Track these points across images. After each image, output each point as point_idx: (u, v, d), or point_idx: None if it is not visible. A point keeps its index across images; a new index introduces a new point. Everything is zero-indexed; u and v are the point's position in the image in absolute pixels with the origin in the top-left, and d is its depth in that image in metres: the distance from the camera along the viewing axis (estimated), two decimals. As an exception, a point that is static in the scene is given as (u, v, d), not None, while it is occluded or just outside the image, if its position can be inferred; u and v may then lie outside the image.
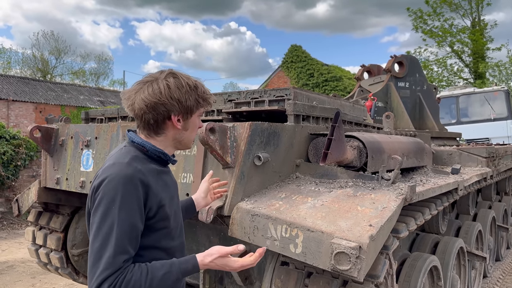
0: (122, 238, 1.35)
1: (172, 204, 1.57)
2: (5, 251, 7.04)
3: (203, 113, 1.67)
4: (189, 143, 1.63)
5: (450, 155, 4.31)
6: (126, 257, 1.35)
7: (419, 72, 6.49)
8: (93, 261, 1.34)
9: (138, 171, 1.42)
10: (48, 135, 3.40)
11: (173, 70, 1.54)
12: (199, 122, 1.64)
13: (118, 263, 1.33)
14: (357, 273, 1.75)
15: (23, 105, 21.41)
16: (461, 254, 3.82)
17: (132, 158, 1.46)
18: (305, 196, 2.28)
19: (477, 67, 22.34)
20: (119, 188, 1.37)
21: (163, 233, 1.51)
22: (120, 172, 1.39)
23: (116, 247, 1.33)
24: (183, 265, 1.43)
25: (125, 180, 1.38)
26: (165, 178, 1.57)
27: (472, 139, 10.51)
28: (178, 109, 1.49)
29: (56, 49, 36.92)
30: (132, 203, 1.38)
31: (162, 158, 1.55)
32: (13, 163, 9.11)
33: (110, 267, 1.32)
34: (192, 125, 1.58)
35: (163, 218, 1.49)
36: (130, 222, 1.37)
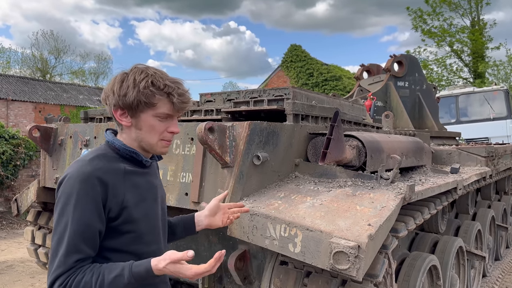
0: (75, 237, 1.31)
1: (144, 207, 1.46)
2: (4, 251, 7.03)
3: (166, 116, 1.45)
4: (152, 146, 1.47)
5: (449, 155, 4.31)
6: (79, 256, 1.31)
7: (419, 71, 6.50)
8: (50, 258, 1.33)
9: (97, 169, 1.36)
10: (47, 135, 3.40)
11: (141, 65, 1.44)
12: (166, 125, 1.45)
13: (69, 262, 1.30)
14: (356, 272, 1.75)
15: (22, 105, 21.40)
16: (461, 253, 3.82)
17: (97, 156, 1.42)
18: (304, 196, 2.28)
19: (476, 66, 22.36)
20: (76, 186, 1.33)
21: (130, 237, 1.42)
22: (79, 170, 1.36)
23: (68, 246, 1.30)
24: (136, 268, 1.30)
25: (82, 178, 1.34)
26: (136, 179, 1.46)
27: (472, 139, 10.52)
28: (117, 103, 1.41)
29: (55, 48, 36.94)
30: (87, 202, 1.33)
31: (135, 157, 1.47)
32: (12, 163, 9.11)
33: (62, 266, 1.29)
34: (146, 125, 1.43)
35: (128, 221, 1.41)
36: (84, 221, 1.32)
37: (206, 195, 2.42)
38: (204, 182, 2.45)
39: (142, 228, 1.45)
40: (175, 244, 3.02)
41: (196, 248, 2.94)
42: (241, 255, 2.54)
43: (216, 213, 1.81)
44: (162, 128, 1.45)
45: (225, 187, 2.31)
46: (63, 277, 1.29)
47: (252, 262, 2.60)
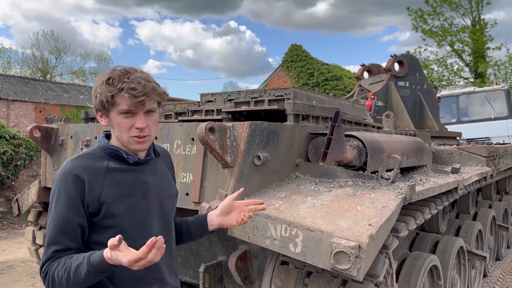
0: (54, 230, 1.42)
1: (126, 202, 1.48)
2: (5, 251, 7.04)
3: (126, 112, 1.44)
4: (126, 143, 1.48)
5: (450, 155, 4.31)
6: (58, 247, 1.40)
7: (419, 71, 6.49)
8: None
9: (76, 167, 1.44)
10: (48, 135, 3.40)
11: (118, 67, 1.46)
12: (126, 123, 1.44)
13: (49, 252, 1.41)
14: (357, 272, 1.75)
15: (23, 105, 21.42)
16: (461, 253, 3.82)
17: (80, 155, 1.52)
18: (304, 196, 2.28)
19: (477, 66, 22.33)
20: (58, 183, 1.45)
21: (113, 232, 1.41)
22: (62, 169, 1.47)
23: (49, 239, 1.42)
24: (93, 258, 1.30)
25: (62, 176, 1.45)
26: (120, 176, 1.49)
27: (472, 139, 10.51)
28: (94, 104, 1.49)
29: (56, 48, 36.97)
30: (65, 198, 1.42)
31: (119, 155, 1.50)
32: (13, 163, 9.11)
33: (44, 256, 1.42)
34: (115, 123, 1.46)
35: (109, 216, 1.45)
36: (62, 215, 1.41)
37: (206, 195, 2.43)
38: (204, 182, 2.45)
39: (125, 223, 1.47)
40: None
41: (196, 249, 2.94)
42: (242, 255, 2.54)
43: (230, 212, 1.72)
44: (128, 125, 1.45)
45: (226, 187, 2.32)
46: (45, 266, 1.41)
47: (252, 262, 2.60)
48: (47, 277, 1.39)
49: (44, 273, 1.40)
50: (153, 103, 1.46)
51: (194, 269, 3.00)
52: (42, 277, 1.42)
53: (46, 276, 1.39)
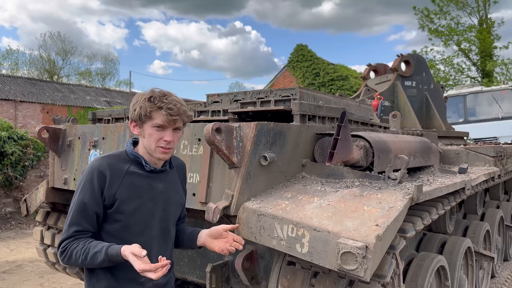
0: (77, 213, 1.69)
1: (136, 203, 1.75)
2: (14, 251, 7.10)
3: (159, 126, 1.72)
4: (152, 151, 1.75)
5: (457, 155, 4.29)
6: (78, 228, 1.68)
7: (426, 71, 6.46)
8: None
9: (102, 165, 1.73)
10: (56, 136, 3.43)
11: (156, 88, 1.74)
12: (161, 134, 1.71)
13: (70, 231, 1.68)
14: (364, 273, 1.75)
15: (31, 106, 21.58)
16: (469, 254, 3.79)
17: (110, 155, 1.80)
18: (311, 196, 2.28)
19: (484, 65, 22.15)
20: (85, 175, 1.74)
21: (119, 225, 1.74)
22: (92, 164, 1.76)
23: (71, 220, 1.70)
24: (111, 250, 1.61)
25: (90, 169, 1.73)
26: (135, 180, 1.76)
27: (480, 138, 10.43)
28: (131, 116, 1.75)
29: (62, 50, 37.21)
30: (88, 188, 1.70)
31: (139, 161, 1.78)
32: (21, 164, 9.19)
33: (65, 233, 1.69)
34: (147, 133, 1.73)
35: (119, 211, 1.72)
36: (85, 202, 1.69)
37: (213, 195, 2.43)
38: (211, 182, 2.45)
39: (131, 220, 1.74)
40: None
41: (203, 248, 2.95)
42: (248, 255, 2.54)
43: (217, 238, 1.94)
44: (158, 137, 1.72)
45: (232, 188, 2.32)
46: (65, 243, 1.68)
47: (259, 262, 2.61)
48: (66, 252, 1.66)
49: (63, 248, 1.67)
50: (180, 123, 1.76)
51: (201, 269, 3.01)
52: (59, 251, 1.68)
53: (64, 251, 1.66)
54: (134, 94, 23.20)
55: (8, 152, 8.78)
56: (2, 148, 8.73)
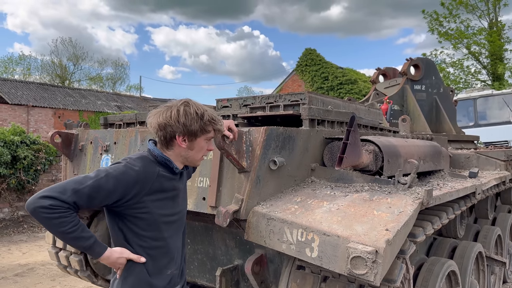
0: (90, 189, 1.65)
1: (161, 202, 1.83)
2: (26, 254, 7.19)
3: (211, 138, 1.91)
4: (195, 161, 1.92)
5: (467, 159, 4.26)
6: (79, 202, 1.64)
7: (435, 74, 6.43)
8: (61, 183, 1.67)
9: (137, 165, 1.76)
10: (68, 141, 3.48)
11: (188, 99, 1.84)
12: (208, 145, 1.89)
13: (71, 199, 1.61)
14: (374, 277, 1.75)
15: (42, 111, 21.84)
16: (480, 259, 3.76)
17: (142, 157, 1.83)
18: (320, 200, 2.29)
19: (495, 68, 21.93)
20: (119, 168, 1.73)
21: (145, 223, 1.80)
22: (127, 160, 1.79)
23: (82, 189, 1.64)
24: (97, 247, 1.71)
25: (125, 166, 1.75)
26: (164, 182, 1.83)
27: (491, 142, 10.33)
28: (182, 131, 1.78)
29: (74, 55, 37.65)
30: (117, 181, 1.69)
31: (168, 165, 1.85)
32: (33, 168, 9.31)
33: (64, 195, 1.60)
34: (198, 146, 1.85)
35: (147, 211, 1.79)
36: (102, 186, 1.67)
37: (223, 199, 2.45)
38: (221, 186, 2.48)
39: (159, 218, 1.82)
40: (192, 248, 3.06)
41: (213, 252, 2.97)
42: (258, 259, 2.56)
43: None
44: (206, 148, 1.89)
45: (242, 192, 2.34)
46: (58, 204, 1.59)
47: (269, 266, 2.62)
48: (55, 215, 1.58)
49: (54, 209, 1.58)
50: None
51: (210, 272, 3.02)
52: (47, 205, 1.57)
53: (55, 212, 1.58)
54: (145, 98, 23.16)
55: (21, 157, 8.90)
56: (15, 152, 8.85)
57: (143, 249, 1.81)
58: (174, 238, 1.91)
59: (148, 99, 30.15)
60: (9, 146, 8.79)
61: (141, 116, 3.69)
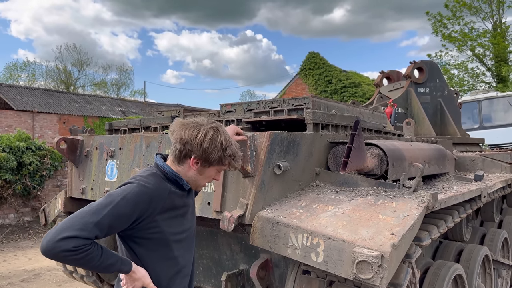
0: (110, 218, 1.59)
1: (173, 220, 1.81)
2: (32, 260, 7.22)
3: (222, 171, 1.93)
4: (198, 186, 1.89)
5: (473, 161, 4.25)
6: (99, 234, 1.58)
7: (440, 77, 6.42)
8: (76, 217, 1.57)
9: (150, 184, 1.71)
10: (74, 146, 3.50)
11: (219, 125, 1.81)
12: (217, 176, 1.88)
13: (92, 233, 1.55)
14: (380, 281, 1.75)
15: (47, 116, 21.97)
16: (487, 262, 3.74)
17: (152, 173, 1.78)
18: (325, 205, 2.29)
19: (499, 70, 21.85)
20: (133, 189, 1.67)
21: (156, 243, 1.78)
22: (139, 180, 1.72)
23: (101, 220, 1.57)
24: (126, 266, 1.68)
25: (138, 187, 1.68)
26: (175, 199, 1.80)
27: (496, 145, 10.27)
28: (200, 154, 1.75)
29: (78, 61, 37.91)
30: (133, 204, 1.64)
31: (178, 181, 1.81)
32: (38, 173, 9.36)
33: (85, 231, 1.53)
34: (207, 174, 1.83)
35: (159, 231, 1.77)
36: (122, 214, 1.62)
37: (228, 204, 2.46)
38: (226, 191, 2.48)
39: (171, 237, 1.79)
40: (198, 253, 3.06)
41: (218, 257, 2.97)
42: (263, 264, 2.56)
43: None
44: (213, 177, 1.87)
45: (247, 197, 2.34)
46: (80, 241, 1.51)
47: (274, 271, 2.62)
48: (82, 253, 1.51)
49: (81, 248, 1.51)
50: None
51: (216, 277, 3.02)
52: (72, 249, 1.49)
53: (82, 252, 1.51)
54: (149, 104, 23.16)
55: (26, 162, 8.95)
56: (21, 158, 8.91)
57: (154, 269, 1.77)
58: (185, 256, 1.88)
59: (152, 104, 30.26)
60: (15, 152, 8.85)
61: (146, 122, 3.71)
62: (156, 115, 3.98)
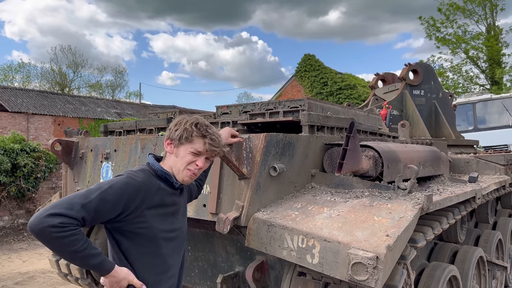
0: (97, 203, 1.60)
1: (162, 217, 1.80)
2: (26, 262, 7.16)
3: (197, 153, 1.81)
4: (179, 172, 1.82)
5: (467, 163, 4.27)
6: (87, 217, 1.58)
7: (434, 79, 6.46)
8: (65, 198, 1.60)
9: (139, 178, 1.74)
10: (69, 148, 3.49)
11: (200, 118, 1.83)
12: (189, 158, 1.80)
13: (79, 215, 1.55)
14: (375, 283, 1.75)
15: (42, 118, 21.87)
16: (481, 263, 3.76)
17: (143, 170, 1.81)
18: (321, 206, 2.29)
19: (492, 73, 22.01)
20: (122, 180, 1.70)
21: (145, 239, 1.76)
22: (128, 174, 1.75)
23: (88, 203, 1.58)
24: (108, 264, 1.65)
25: (127, 179, 1.71)
26: (164, 196, 1.80)
27: (490, 146, 10.33)
28: (169, 135, 1.83)
29: (73, 62, 37.77)
30: (121, 193, 1.66)
31: (168, 179, 1.82)
32: (33, 175, 9.30)
33: (72, 210, 1.53)
34: (181, 155, 1.80)
35: (146, 226, 1.75)
36: (109, 200, 1.63)
37: (223, 206, 2.46)
38: (221, 193, 2.48)
39: (157, 233, 1.77)
40: (193, 255, 3.05)
41: (214, 259, 2.97)
42: (259, 266, 2.56)
43: None
44: (190, 160, 1.80)
45: (242, 199, 2.35)
46: (67, 219, 1.51)
47: (270, 273, 2.62)
48: (66, 233, 1.50)
49: (64, 226, 1.50)
50: (215, 154, 1.87)
51: (211, 279, 3.02)
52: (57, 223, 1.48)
53: (66, 230, 1.50)
54: (144, 105, 23.14)
55: (21, 164, 8.90)
56: (15, 160, 8.85)
57: (141, 265, 1.76)
58: (174, 257, 1.87)
59: (147, 106, 30.20)
60: (9, 154, 8.79)
61: (141, 123, 3.70)
62: (151, 117, 3.97)
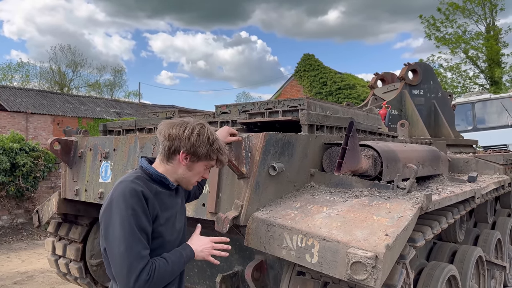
0: (137, 240, 1.62)
1: (168, 220, 1.82)
2: (25, 262, 7.16)
3: (210, 167, 1.91)
4: (188, 184, 1.89)
5: (466, 163, 4.27)
6: (145, 253, 1.64)
7: (433, 79, 6.46)
8: (119, 260, 1.61)
9: (141, 187, 1.71)
10: (68, 148, 3.48)
11: (205, 123, 1.84)
12: (205, 172, 1.89)
13: (143, 262, 1.61)
14: (374, 282, 1.75)
15: (41, 118, 21.86)
16: (480, 263, 3.76)
17: (139, 177, 1.78)
18: (320, 206, 2.29)
19: (492, 72, 22.03)
20: (129, 200, 1.66)
21: (157, 242, 1.76)
22: (128, 187, 1.69)
23: (134, 253, 1.61)
24: (189, 253, 1.82)
25: (132, 193, 1.67)
26: (164, 198, 1.81)
27: (489, 146, 10.35)
28: (188, 149, 1.77)
29: (72, 62, 37.76)
30: (141, 211, 1.66)
31: (163, 181, 1.83)
32: (32, 175, 9.29)
33: (140, 260, 1.60)
34: (196, 170, 1.85)
35: (156, 230, 1.76)
36: (140, 226, 1.65)
37: (223, 205, 2.46)
38: (220, 193, 2.48)
39: (166, 237, 1.80)
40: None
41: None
42: (258, 265, 2.55)
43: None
44: (202, 174, 1.89)
45: (242, 198, 2.34)
46: (145, 271, 1.61)
47: (269, 272, 2.62)
48: (152, 277, 1.61)
49: (148, 277, 1.60)
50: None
51: (210, 279, 3.02)
52: (146, 280, 1.59)
53: (150, 278, 1.61)
54: (143, 105, 23.11)
55: (20, 164, 8.89)
56: (14, 159, 8.84)
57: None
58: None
59: (147, 105, 30.19)
60: (8, 153, 8.78)
61: (140, 123, 3.70)
62: (150, 116, 3.97)
